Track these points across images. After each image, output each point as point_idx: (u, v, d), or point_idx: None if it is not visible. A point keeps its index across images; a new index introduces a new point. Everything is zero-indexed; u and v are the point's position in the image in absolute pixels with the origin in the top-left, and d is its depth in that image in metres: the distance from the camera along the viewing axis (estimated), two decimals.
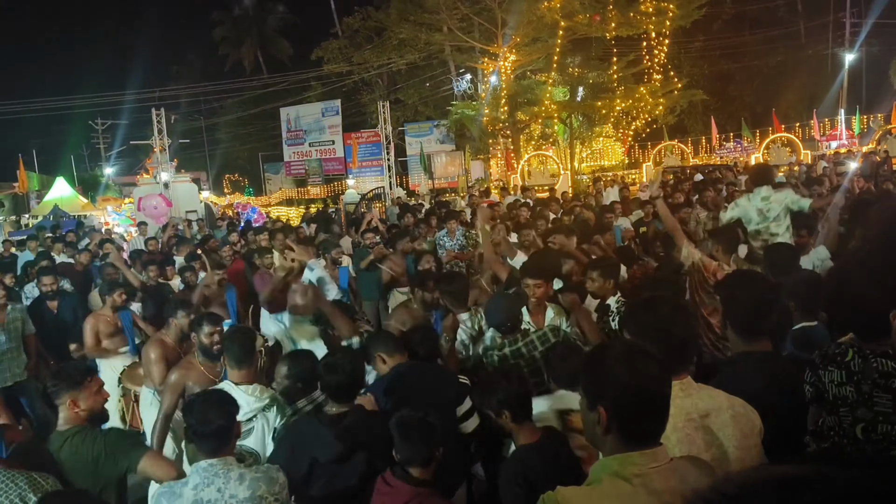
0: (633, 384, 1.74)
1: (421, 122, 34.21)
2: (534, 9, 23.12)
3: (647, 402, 1.74)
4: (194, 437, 2.84)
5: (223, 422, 2.82)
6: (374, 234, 9.11)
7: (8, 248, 13.84)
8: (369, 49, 32.93)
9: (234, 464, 2.84)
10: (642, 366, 1.76)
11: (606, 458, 1.80)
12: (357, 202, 22.01)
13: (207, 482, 2.74)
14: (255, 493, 2.74)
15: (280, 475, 2.88)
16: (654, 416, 1.77)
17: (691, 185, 13.52)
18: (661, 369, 1.78)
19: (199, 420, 2.80)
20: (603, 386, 1.79)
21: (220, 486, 2.73)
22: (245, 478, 2.77)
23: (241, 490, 2.73)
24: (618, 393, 1.75)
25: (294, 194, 35.78)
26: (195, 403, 2.89)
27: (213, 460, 2.79)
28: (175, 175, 21.80)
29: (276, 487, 2.81)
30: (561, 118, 26.61)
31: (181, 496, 2.73)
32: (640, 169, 26.45)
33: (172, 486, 2.82)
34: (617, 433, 1.77)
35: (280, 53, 47.13)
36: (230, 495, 2.72)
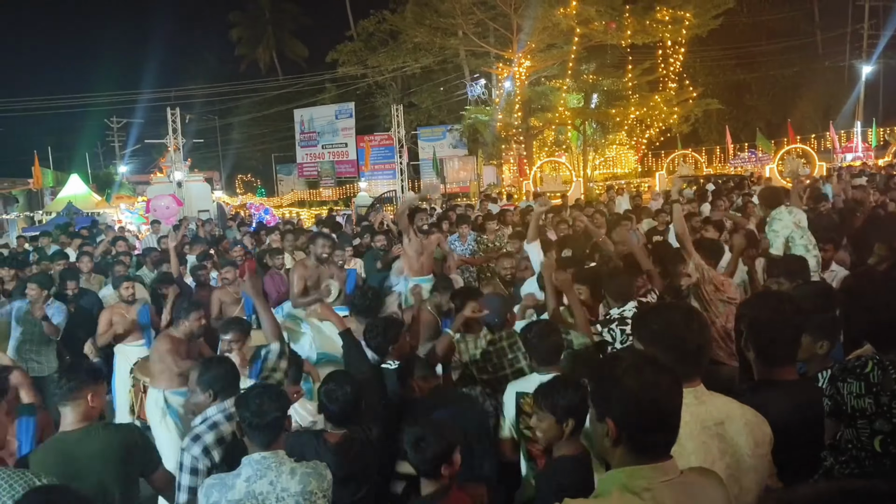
0: (642, 396, 1.71)
1: (434, 126, 34.25)
2: (549, 15, 23.10)
3: (657, 414, 1.72)
4: (248, 430, 2.86)
5: (278, 414, 2.87)
6: (384, 237, 9.13)
7: (21, 244, 13.95)
8: (384, 52, 33.02)
9: (286, 458, 2.88)
10: (652, 377, 1.73)
11: (615, 471, 1.77)
12: (369, 205, 22.05)
13: (260, 475, 2.78)
14: (306, 488, 2.78)
15: (328, 472, 2.92)
16: (664, 429, 1.74)
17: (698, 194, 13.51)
18: (672, 381, 1.75)
19: (255, 412, 2.83)
20: (611, 398, 1.77)
21: (272, 480, 2.77)
22: (297, 472, 2.81)
23: (293, 484, 2.77)
24: (626, 405, 1.73)
25: (306, 196, 35.88)
26: (250, 396, 2.93)
27: (266, 453, 2.83)
28: (188, 174, 21.93)
29: (325, 484, 2.86)
30: (575, 125, 26.56)
31: (233, 488, 2.76)
32: (652, 177, 26.35)
33: (224, 477, 2.85)
34: (626, 446, 1.74)
35: (295, 55, 47.38)
36: (282, 489, 2.76)
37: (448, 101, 34.21)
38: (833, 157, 25.97)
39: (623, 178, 27.96)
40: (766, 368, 2.53)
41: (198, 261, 9.22)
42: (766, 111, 34.50)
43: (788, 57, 33.89)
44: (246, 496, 2.74)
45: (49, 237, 12.97)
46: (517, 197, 23.11)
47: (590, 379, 1.89)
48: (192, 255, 10.04)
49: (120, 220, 21.18)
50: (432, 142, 33.01)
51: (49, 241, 12.56)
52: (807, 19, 35.74)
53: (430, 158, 31.11)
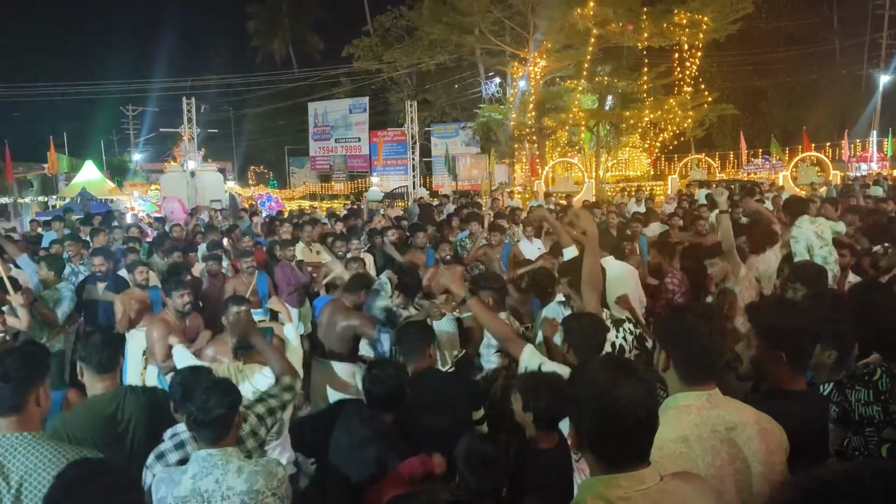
0: (600, 405, 1.68)
1: (447, 123, 34.26)
2: (567, 15, 23.03)
3: (617, 423, 1.67)
4: (194, 425, 2.81)
5: (224, 410, 2.79)
6: (394, 232, 9.17)
7: (34, 228, 14.04)
8: (400, 48, 33.04)
9: (234, 455, 2.80)
10: (614, 383, 1.69)
11: (591, 479, 1.75)
12: (380, 200, 22.08)
13: (206, 472, 2.72)
14: (253, 487, 2.71)
15: (280, 470, 2.85)
16: (628, 439, 1.69)
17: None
18: (641, 390, 1.70)
19: (201, 408, 2.77)
20: (576, 403, 1.76)
21: (217, 477, 2.71)
22: (244, 470, 2.74)
23: (239, 483, 2.70)
24: (587, 413, 1.72)
25: (318, 189, 35.98)
26: (198, 392, 2.86)
27: (213, 450, 2.76)
28: (202, 164, 22.01)
29: (274, 482, 2.77)
30: (588, 126, 26.51)
31: (179, 483, 2.72)
32: (665, 181, 26.26)
33: (172, 472, 2.81)
34: (592, 454, 1.73)
35: (311, 48, 47.48)
36: (227, 487, 2.70)
37: (462, 99, 34.21)
38: (847, 165, 25.80)
39: (635, 180, 27.86)
40: (787, 377, 2.49)
41: (208, 250, 9.28)
42: (781, 118, 34.30)
43: (806, 64, 33.68)
44: (191, 493, 2.69)
45: (62, 222, 13.04)
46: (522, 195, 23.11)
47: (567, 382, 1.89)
48: (204, 244, 10.10)
49: (133, 208, 21.30)
50: (445, 139, 33.01)
51: (61, 225, 12.63)
52: (825, 27, 35.50)
53: (442, 155, 31.12)
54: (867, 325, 3.18)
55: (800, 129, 27.13)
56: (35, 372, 2.67)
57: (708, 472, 2.00)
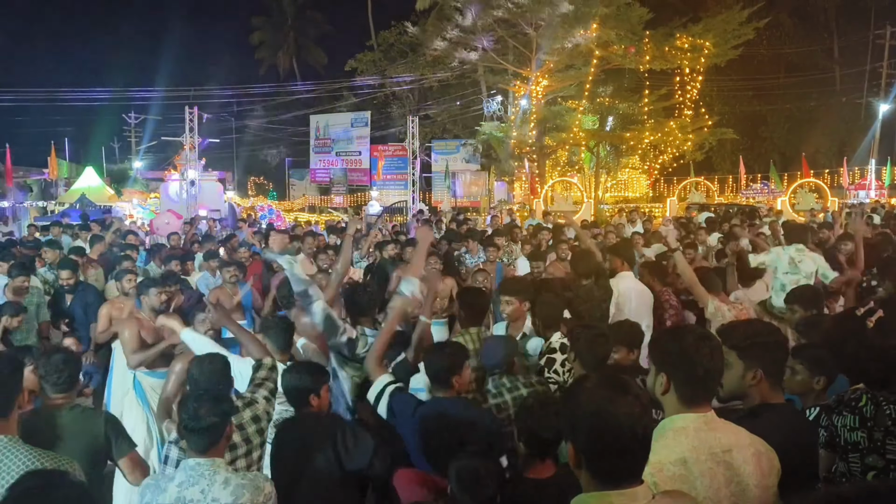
0: (598, 421, 1.69)
1: (448, 139, 34.38)
2: (569, 36, 23.19)
3: (615, 440, 1.68)
4: (185, 433, 2.82)
5: (215, 419, 2.79)
6: (394, 246, 9.18)
7: (32, 233, 14.04)
8: (403, 63, 33.23)
9: (221, 466, 2.80)
10: (612, 402, 1.71)
11: (583, 496, 1.76)
12: (379, 214, 22.10)
13: (192, 482, 2.72)
14: (238, 501, 2.70)
15: (267, 485, 2.84)
16: (624, 456, 1.71)
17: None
18: (636, 407, 1.72)
19: (191, 416, 2.77)
20: (571, 420, 1.77)
21: (203, 488, 2.71)
22: (230, 483, 2.74)
23: (224, 495, 2.70)
24: (582, 430, 1.73)
25: (317, 201, 36.03)
26: (189, 399, 2.87)
27: (201, 459, 2.77)
28: (202, 173, 22.05)
29: (260, 497, 2.77)
30: (588, 146, 26.61)
31: (165, 491, 2.72)
32: (664, 203, 26.33)
33: (159, 479, 2.82)
34: (588, 470, 1.74)
35: (315, 62, 47.72)
36: (213, 498, 2.69)
37: (463, 116, 34.35)
38: (845, 193, 25.89)
39: (634, 202, 27.93)
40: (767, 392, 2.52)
41: (204, 259, 9.29)
42: (780, 143, 34.48)
43: (806, 91, 33.92)
44: (176, 501, 2.69)
45: (60, 227, 13.05)
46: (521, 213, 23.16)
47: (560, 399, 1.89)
48: (201, 252, 10.11)
49: (131, 215, 21.30)
50: (445, 155, 33.12)
51: (60, 231, 12.63)
52: (826, 55, 35.79)
53: (442, 171, 31.21)
54: (847, 355, 3.21)
55: (799, 155, 27.26)
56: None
57: (706, 495, 2.01)
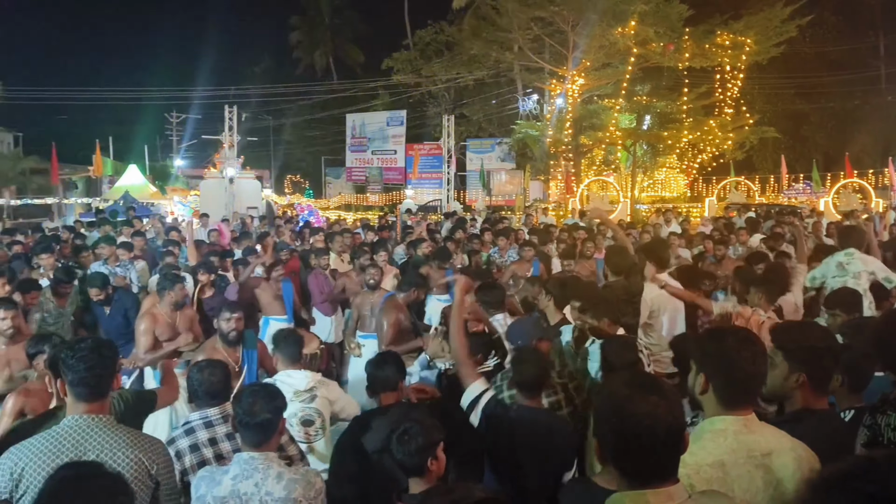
0: (617, 420, 1.69)
1: (483, 138, 34.34)
2: (607, 34, 23.00)
3: (637, 440, 1.67)
4: (239, 427, 2.87)
5: (269, 415, 2.84)
6: (428, 244, 9.23)
7: (78, 229, 14.39)
8: (439, 62, 33.27)
9: (275, 461, 2.85)
10: (632, 400, 1.69)
11: (619, 494, 1.75)
12: (413, 212, 22.15)
13: (246, 475, 2.76)
14: (290, 495, 2.74)
15: (318, 480, 2.88)
16: (648, 455, 1.69)
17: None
18: (665, 408, 1.69)
19: (246, 411, 2.83)
20: (598, 419, 1.77)
21: (257, 481, 2.75)
22: (283, 477, 2.78)
23: (278, 489, 2.74)
24: (607, 429, 1.72)
25: (353, 200, 36.30)
26: (244, 394, 2.94)
27: (255, 453, 2.81)
28: (240, 171, 22.35)
29: (311, 492, 2.80)
30: (625, 145, 26.35)
31: (220, 484, 2.76)
32: (702, 203, 25.95)
33: (214, 472, 2.87)
34: (616, 467, 1.73)
35: (351, 61, 48.03)
36: (266, 492, 2.73)
37: (499, 115, 34.27)
38: (891, 193, 25.21)
39: (671, 201, 27.59)
40: (810, 397, 2.47)
41: (243, 255, 9.43)
42: (823, 143, 33.73)
43: (850, 89, 33.08)
44: (230, 494, 2.73)
45: (109, 225, 13.33)
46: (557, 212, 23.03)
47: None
48: (239, 249, 10.26)
49: (172, 212, 21.70)
50: (481, 154, 33.10)
51: (110, 228, 12.91)
52: (871, 53, 34.84)
53: (477, 170, 31.18)
54: (891, 353, 3.13)
55: (842, 154, 26.64)
56: (117, 362, 2.93)
57: (743, 498, 1.99)
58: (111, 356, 2.83)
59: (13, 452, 2.62)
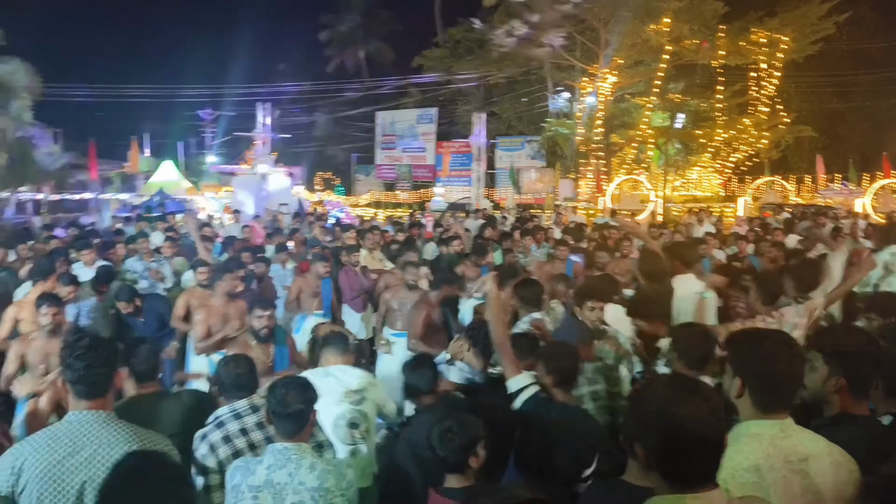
0: (668, 423, 1.67)
1: (513, 136, 34.22)
2: (640, 31, 22.81)
3: (685, 443, 1.66)
4: (273, 418, 2.94)
5: (302, 406, 2.90)
6: (459, 242, 9.25)
7: (114, 225, 14.70)
8: (469, 60, 33.23)
9: (307, 451, 2.91)
10: (680, 403, 1.68)
11: (658, 498, 1.74)
12: (444, 210, 22.21)
13: (280, 465, 2.82)
14: (323, 485, 2.79)
15: (349, 472, 2.94)
16: (692, 459, 1.68)
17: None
18: (707, 408, 1.68)
19: (279, 402, 2.90)
20: (641, 422, 1.75)
21: (291, 471, 2.80)
22: (316, 467, 2.83)
23: (311, 479, 2.79)
24: (652, 432, 1.70)
25: (382, 197, 36.39)
26: (277, 386, 2.99)
27: (288, 444, 2.88)
28: (273, 168, 22.56)
29: (343, 483, 2.85)
30: (657, 144, 26.09)
31: (254, 473, 2.82)
32: (735, 203, 25.57)
33: (249, 461, 2.93)
34: (659, 472, 1.71)
35: (382, 58, 48.12)
36: (299, 482, 2.78)
37: (529, 113, 34.12)
38: None
39: (703, 201, 27.22)
40: (848, 401, 2.44)
41: (276, 252, 9.56)
42: (860, 142, 32.98)
43: (888, 88, 32.23)
44: (265, 483, 2.79)
45: (145, 221, 13.59)
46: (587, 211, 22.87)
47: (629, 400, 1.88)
48: (271, 245, 10.38)
49: (204, 208, 22.01)
50: (510, 152, 32.97)
51: (145, 224, 13.16)
52: None
53: (506, 168, 31.09)
54: None
55: (879, 154, 26.06)
56: (117, 359, 2.92)
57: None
58: (109, 354, 2.84)
59: (15, 449, 2.68)
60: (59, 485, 2.55)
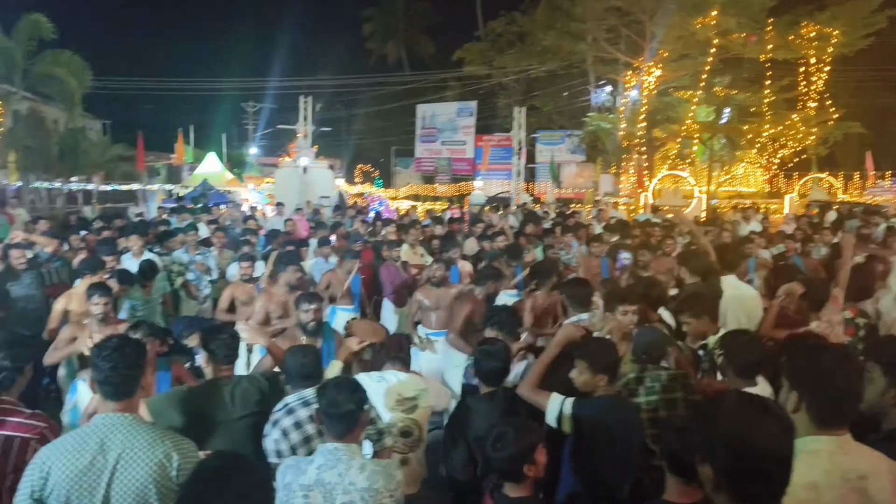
0: (741, 443, 1.63)
1: (553, 130, 33.97)
2: (686, 24, 22.40)
3: (757, 463, 1.62)
4: (324, 418, 2.97)
5: (352, 406, 2.93)
6: (504, 238, 9.23)
7: (161, 215, 14.99)
8: (510, 53, 33.04)
9: (357, 452, 2.94)
10: (754, 422, 1.65)
11: None
12: (482, 204, 22.15)
13: (331, 465, 2.85)
14: (373, 486, 2.81)
15: (398, 473, 2.95)
16: (765, 479, 1.65)
17: None
18: (779, 428, 1.66)
19: (330, 402, 2.93)
20: (710, 441, 1.71)
21: (341, 472, 2.83)
22: (365, 468, 2.86)
23: (361, 479, 2.82)
24: (722, 451, 1.66)
25: (421, 190, 36.53)
26: (328, 386, 3.04)
27: (338, 444, 2.91)
28: (314, 161, 22.74)
29: (392, 484, 2.87)
30: (702, 139, 25.64)
31: (305, 472, 2.86)
32: (781, 199, 25.03)
33: (299, 461, 2.97)
34: (726, 493, 1.68)
35: (423, 51, 48.20)
36: (349, 482, 2.81)
37: (570, 107, 33.82)
38: None
39: (748, 197, 26.70)
40: None
41: (319, 245, 9.65)
42: None
43: None
44: (315, 483, 2.82)
45: (189, 213, 13.83)
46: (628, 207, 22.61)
47: (694, 418, 1.84)
48: (314, 239, 10.49)
49: (247, 199, 22.31)
50: (550, 146, 32.73)
51: (188, 216, 13.39)
52: None
53: (547, 162, 30.87)
54: None
55: None
56: (144, 361, 2.94)
57: None
58: (137, 355, 2.85)
59: (44, 451, 2.70)
60: (86, 488, 2.59)
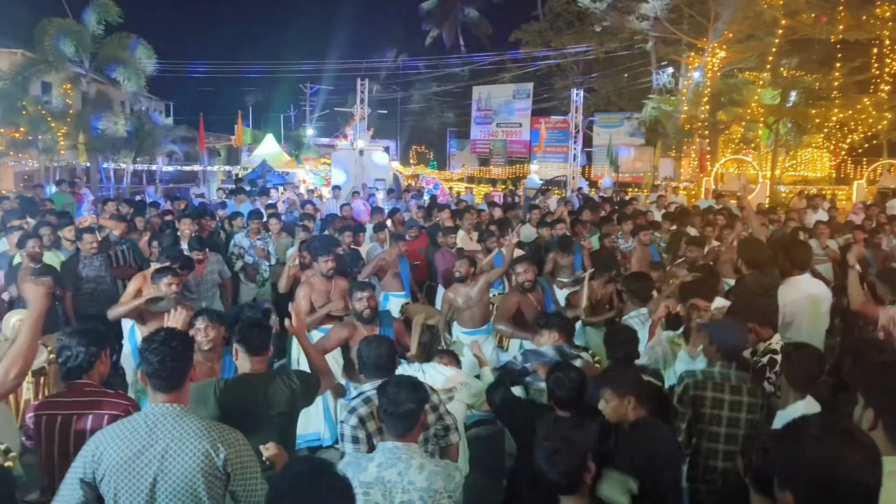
0: (825, 472, 1.55)
1: (612, 112, 33.35)
2: (753, 4, 21.58)
3: (841, 492, 1.54)
4: (384, 417, 3.00)
5: (413, 406, 2.96)
6: (564, 225, 9.14)
7: (220, 196, 15.32)
8: (569, 34, 32.48)
9: (417, 451, 2.97)
10: (840, 450, 1.57)
11: None
12: (538, 188, 21.95)
13: (390, 463, 2.88)
14: (432, 486, 2.84)
15: (457, 474, 2.97)
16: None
17: None
18: (865, 456, 1.57)
19: (391, 401, 2.96)
20: (792, 468, 1.63)
21: (400, 470, 2.86)
22: (425, 468, 2.88)
23: (420, 479, 2.84)
24: (807, 478, 1.59)
25: (476, 172, 36.44)
26: (389, 385, 3.06)
27: (398, 443, 2.94)
28: (370, 143, 22.88)
29: (451, 485, 2.89)
30: (767, 123, 24.78)
31: (365, 470, 2.89)
32: (850, 186, 24.06)
33: (360, 458, 3.01)
34: None
35: (479, 33, 47.81)
36: (409, 481, 2.84)
37: (630, 89, 33.11)
38: None
39: (814, 183, 25.77)
40: None
41: (374, 231, 9.70)
42: None
43: None
44: (376, 480, 2.85)
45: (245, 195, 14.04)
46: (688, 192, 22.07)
47: (773, 441, 1.75)
48: (371, 223, 10.56)
49: (304, 181, 22.63)
50: (608, 128, 32.19)
51: (245, 198, 13.61)
52: None
53: (604, 145, 30.37)
54: None
55: None
56: (192, 353, 2.99)
57: None
58: (184, 348, 2.88)
59: (96, 437, 2.77)
60: (134, 478, 2.65)
